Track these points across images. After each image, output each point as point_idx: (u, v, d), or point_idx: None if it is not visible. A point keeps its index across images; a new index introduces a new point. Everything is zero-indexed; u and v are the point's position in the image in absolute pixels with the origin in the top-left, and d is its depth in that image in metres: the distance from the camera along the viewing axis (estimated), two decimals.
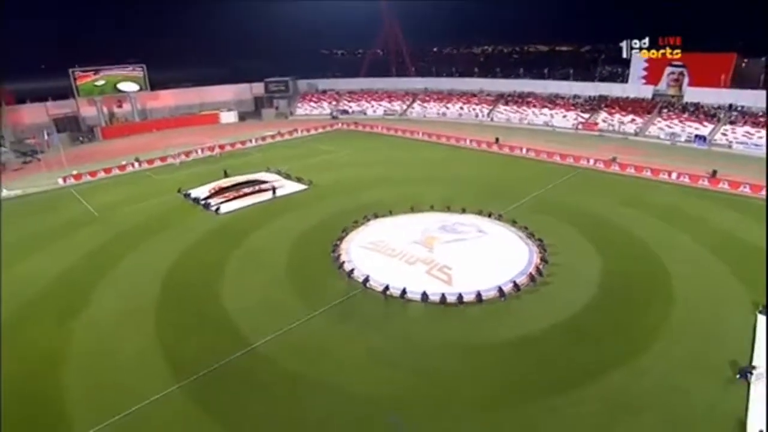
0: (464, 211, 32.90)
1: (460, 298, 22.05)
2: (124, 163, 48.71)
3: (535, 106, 67.67)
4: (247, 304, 22.91)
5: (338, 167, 47.31)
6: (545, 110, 65.94)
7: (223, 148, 56.10)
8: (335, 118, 75.25)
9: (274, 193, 38.53)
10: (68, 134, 63.46)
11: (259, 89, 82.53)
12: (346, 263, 26.07)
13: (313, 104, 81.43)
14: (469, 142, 55.73)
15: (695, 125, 53.67)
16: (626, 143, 53.93)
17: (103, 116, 68.14)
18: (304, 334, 20.52)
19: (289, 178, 43.06)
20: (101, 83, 67.07)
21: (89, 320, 22.15)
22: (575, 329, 20.34)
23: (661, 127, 55.71)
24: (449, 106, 74.30)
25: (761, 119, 49.91)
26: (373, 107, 78.93)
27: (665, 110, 57.88)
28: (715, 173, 39.26)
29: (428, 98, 77.42)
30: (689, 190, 37.87)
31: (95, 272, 26.60)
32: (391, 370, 18.29)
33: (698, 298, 22.28)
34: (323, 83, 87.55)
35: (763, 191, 34.42)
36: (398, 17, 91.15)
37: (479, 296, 22.16)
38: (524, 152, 50.10)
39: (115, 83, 68.21)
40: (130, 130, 68.28)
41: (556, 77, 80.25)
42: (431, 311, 21.96)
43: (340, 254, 27.28)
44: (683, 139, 52.96)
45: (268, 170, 45.32)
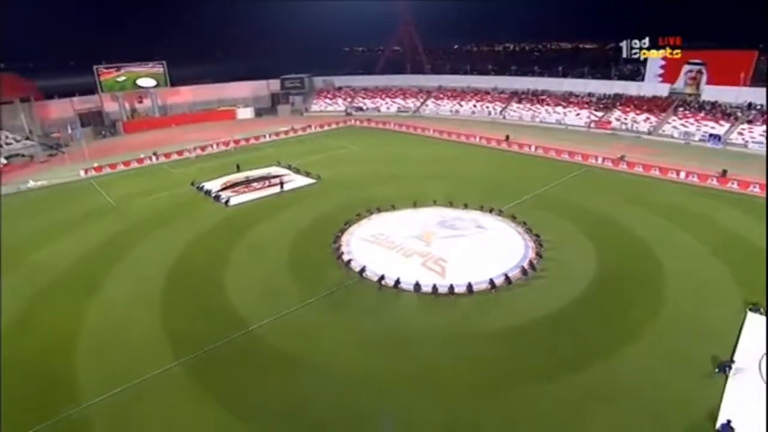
0: (466, 206, 33.42)
1: (451, 289, 22.73)
2: (142, 156, 50.80)
3: (548, 104, 67.28)
4: (248, 290, 24.09)
5: (347, 163, 48.28)
6: (558, 108, 65.52)
7: (237, 143, 57.75)
8: (349, 114, 76.25)
9: (281, 187, 39.75)
10: (92, 128, 66.40)
11: (275, 86, 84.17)
12: (345, 254, 26.99)
13: (328, 101, 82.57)
14: (478, 139, 55.97)
15: (711, 124, 52.68)
16: (638, 142, 53.32)
17: (124, 111, 70.97)
18: (299, 318, 21.57)
19: (298, 172, 44.25)
20: (122, 79, 69.85)
21: (103, 301, 23.74)
22: (562, 322, 20.77)
23: (675, 126, 54.84)
24: (462, 103, 74.45)
25: None
26: (387, 104, 79.58)
27: (681, 109, 56.92)
28: (725, 173, 38.69)
29: (442, 96, 77.67)
30: (697, 189, 37.47)
31: (110, 258, 28.26)
32: (378, 354, 19.15)
33: (690, 295, 22.39)
34: (340, 80, 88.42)
35: None
36: (417, 15, 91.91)
37: (470, 287, 22.77)
38: (533, 150, 50.13)
39: (134, 79, 70.87)
40: (150, 124, 70.78)
41: (574, 75, 79.50)
42: (423, 301, 22.69)
43: (340, 246, 28.22)
44: (697, 138, 52.03)
45: (278, 165, 46.64)
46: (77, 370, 18.66)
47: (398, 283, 23.48)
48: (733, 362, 17.09)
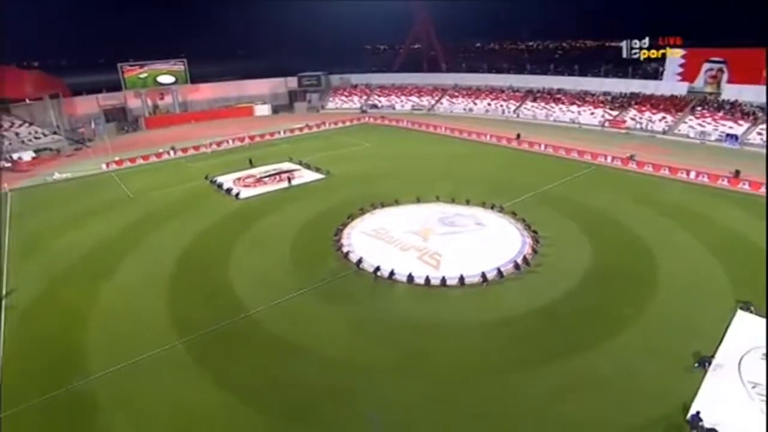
0: (468, 202, 33.93)
1: (443, 281, 23.40)
2: (161, 151, 52.87)
3: (563, 102, 66.81)
4: (250, 278, 25.30)
5: (358, 159, 49.23)
6: (573, 107, 65.03)
7: (252, 139, 59.40)
8: (364, 112, 77.18)
9: (289, 182, 40.98)
10: (116, 124, 69.08)
11: (293, 83, 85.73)
12: (344, 246, 27.94)
13: (344, 98, 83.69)
14: (489, 137, 56.13)
15: (729, 124, 51.56)
16: (652, 141, 52.65)
17: (147, 107, 73.62)
18: (295, 305, 22.63)
19: (308, 168, 45.43)
20: (144, 76, 72.50)
21: (116, 284, 25.38)
22: (550, 315, 21.22)
23: (691, 125, 53.85)
24: (477, 102, 74.53)
25: None
26: (402, 102, 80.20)
27: (699, 108, 55.81)
28: (738, 173, 38.04)
29: (456, 94, 77.86)
30: (707, 189, 37.01)
31: (125, 245, 29.97)
32: (368, 339, 20.06)
33: (682, 293, 22.50)
34: (356, 78, 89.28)
35: None
36: (440, 14, 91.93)
37: (462, 280, 23.40)
38: (543, 148, 50.08)
39: (155, 76, 73.42)
40: (170, 120, 73.19)
41: (592, 74, 78.35)
42: (415, 292, 23.43)
43: (341, 238, 29.17)
44: (713, 138, 51.04)
45: (290, 160, 47.96)
46: (88, 345, 20.18)
47: (393, 274, 24.29)
48: (713, 358, 17.29)
